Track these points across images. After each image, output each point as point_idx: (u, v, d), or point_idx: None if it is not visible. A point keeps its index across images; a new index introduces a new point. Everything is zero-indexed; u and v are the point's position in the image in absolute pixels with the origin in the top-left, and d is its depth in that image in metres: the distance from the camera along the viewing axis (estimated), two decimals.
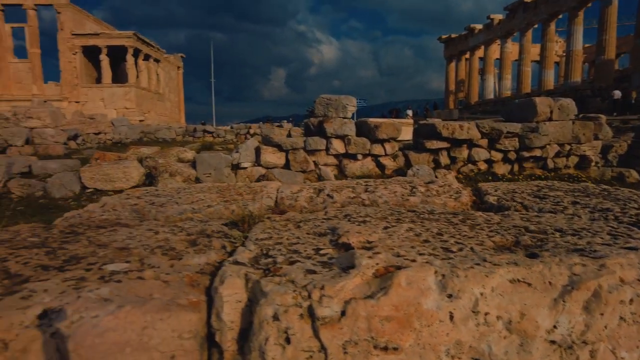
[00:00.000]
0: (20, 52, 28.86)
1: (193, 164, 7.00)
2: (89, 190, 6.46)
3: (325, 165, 7.30)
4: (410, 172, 6.31)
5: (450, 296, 0.76)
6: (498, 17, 30.32)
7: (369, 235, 1.02)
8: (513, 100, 12.46)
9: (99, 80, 29.77)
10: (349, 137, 7.25)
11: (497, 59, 32.42)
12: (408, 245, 0.96)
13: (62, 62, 27.90)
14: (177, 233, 1.19)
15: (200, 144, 12.26)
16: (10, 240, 1.15)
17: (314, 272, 0.81)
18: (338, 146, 7.29)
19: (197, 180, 6.63)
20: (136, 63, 29.67)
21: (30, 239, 1.15)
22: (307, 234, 1.14)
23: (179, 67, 40.46)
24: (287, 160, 7.21)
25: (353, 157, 7.33)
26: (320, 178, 7.16)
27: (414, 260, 0.83)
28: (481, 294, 0.76)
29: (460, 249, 0.95)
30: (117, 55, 29.31)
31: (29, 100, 25.48)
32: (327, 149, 7.31)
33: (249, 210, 1.63)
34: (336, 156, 7.37)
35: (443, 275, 0.78)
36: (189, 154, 8.28)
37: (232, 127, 22.35)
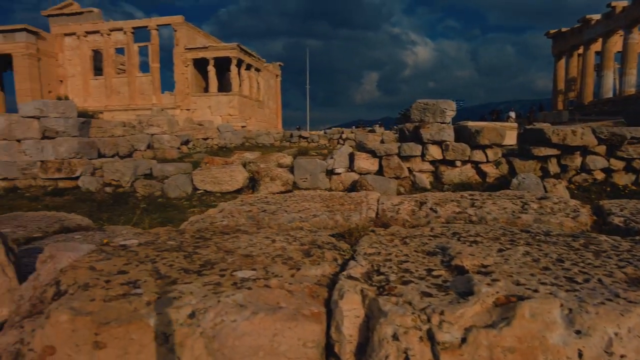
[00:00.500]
0: (143, 67, 32.80)
1: (291, 168, 7.33)
2: (199, 192, 7.09)
3: (421, 171, 7.14)
4: (515, 181, 5.89)
5: (578, 332, 0.72)
6: (621, 4, 26.94)
7: (483, 259, 1.00)
8: (638, 99, 10.95)
9: (206, 89, 32.56)
10: (447, 142, 7.00)
11: (617, 52, 28.79)
12: (527, 272, 0.92)
13: (176, 74, 31.10)
14: (291, 242, 1.28)
15: (297, 149, 12.78)
16: (154, 242, 1.34)
17: (429, 294, 0.82)
18: (434, 152, 7.09)
19: (295, 184, 6.92)
20: (239, 72, 31.89)
21: (169, 242, 1.33)
22: (415, 251, 1.16)
23: (277, 75, 42.57)
24: (381, 166, 7.20)
25: (451, 163, 7.07)
26: (414, 185, 7.02)
27: (536, 291, 0.81)
28: (615, 334, 0.71)
29: (586, 280, 0.89)
30: (223, 65, 31.80)
31: (149, 109, 28.80)
32: (422, 155, 7.15)
33: (352, 222, 1.68)
34: (432, 162, 7.17)
35: (570, 310, 0.74)
36: (287, 159, 8.69)
37: (325, 132, 22.91)
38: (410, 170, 7.14)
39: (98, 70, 32.55)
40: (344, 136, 22.03)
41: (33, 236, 3.62)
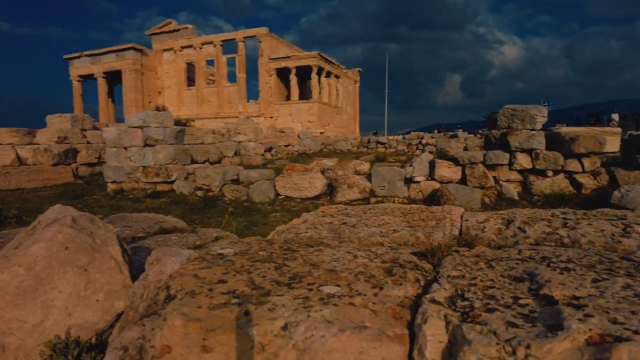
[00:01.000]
0: (230, 77, 34.92)
1: (368, 176, 7.35)
2: (280, 197, 7.40)
3: (508, 181, 6.75)
4: (617, 193, 5.33)
5: None
6: None
7: (575, 290, 0.96)
8: None
9: (288, 97, 33.75)
10: (537, 150, 6.55)
11: None
12: (627, 308, 0.87)
13: (260, 83, 32.69)
14: (373, 259, 1.33)
15: (374, 156, 12.76)
16: (247, 252, 1.46)
17: (515, 325, 0.82)
18: (523, 161, 6.67)
19: (372, 192, 6.93)
20: (319, 80, 32.62)
21: (261, 253, 1.44)
22: (501, 276, 1.14)
23: (355, 81, 42.82)
24: (464, 174, 6.93)
25: (541, 173, 6.59)
26: (500, 195, 6.66)
27: (636, 332, 0.76)
28: None
29: None
30: (304, 73, 32.75)
31: (236, 117, 30.58)
32: (510, 164, 6.76)
33: (435, 240, 1.68)
34: (520, 172, 6.75)
35: None
36: (365, 167, 8.72)
37: (404, 138, 22.51)
38: (496, 180, 6.79)
39: (191, 81, 35.35)
40: (423, 141, 21.48)
41: (138, 236, 4.05)
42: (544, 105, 7.10)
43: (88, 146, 11.93)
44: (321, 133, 29.50)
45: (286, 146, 15.76)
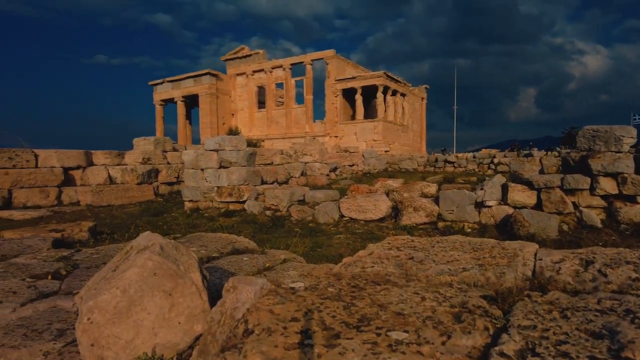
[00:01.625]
0: (298, 98, 36.07)
1: (435, 199, 7.18)
2: (345, 218, 7.46)
3: (589, 207, 6.25)
4: None
5: None
6: None
7: None
8: None
9: (353, 116, 34.05)
10: (624, 175, 6.02)
11: None
12: None
13: (327, 104, 33.39)
14: (441, 302, 1.33)
15: (442, 176, 12.42)
16: (316, 287, 1.53)
17: None
18: (607, 185, 6.15)
19: (440, 216, 6.76)
20: (385, 99, 32.61)
21: (329, 289, 1.51)
22: (577, 329, 1.09)
23: (422, 99, 42.20)
24: (539, 199, 6.53)
25: (630, 199, 6.03)
26: (580, 222, 6.18)
27: None
28: None
29: None
30: (369, 92, 32.94)
31: (302, 137, 31.39)
32: (591, 189, 6.27)
33: (506, 281, 1.63)
34: (604, 197, 6.22)
35: None
36: (432, 189, 8.52)
37: (474, 157, 21.66)
38: (575, 206, 6.32)
39: (261, 103, 37.02)
40: (495, 160, 20.52)
41: (212, 256, 4.31)
42: (635, 119, 6.50)
43: (168, 166, 12.90)
44: (386, 151, 29.32)
45: (350, 166, 15.87)
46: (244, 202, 8.75)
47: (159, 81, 37.95)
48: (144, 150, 12.48)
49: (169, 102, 38.51)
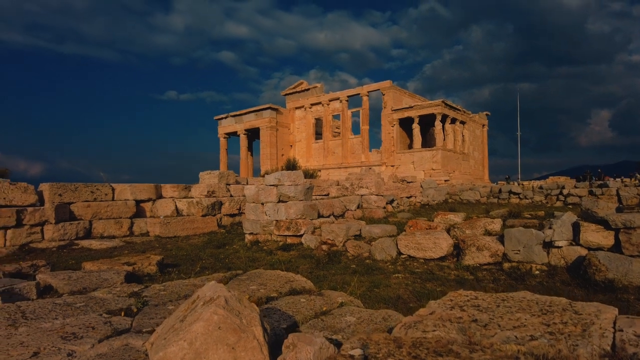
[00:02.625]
0: (354, 128, 36.42)
1: (500, 237, 6.83)
2: (403, 256, 7.29)
3: None
4: None
5: None
6: None
7: None
8: None
9: (410, 145, 33.69)
10: None
11: None
12: None
13: (383, 133, 33.39)
14: None
15: (506, 210, 11.80)
16: (376, 356, 1.52)
17: None
18: None
19: (505, 256, 6.40)
20: (443, 127, 32.02)
21: None
22: None
23: (483, 125, 40.92)
24: (617, 239, 5.99)
25: None
26: None
27: None
28: None
29: None
30: (427, 121, 32.54)
31: (358, 167, 31.49)
32: None
33: (579, 357, 1.52)
34: None
35: None
36: (496, 225, 8.13)
37: (540, 188, 20.42)
38: None
39: (318, 134, 37.84)
40: (564, 192, 19.17)
41: (271, 295, 4.39)
42: None
43: (230, 199, 13.45)
44: (446, 181, 28.51)
45: (408, 197, 15.58)
46: (301, 235, 8.87)
47: (223, 116, 40.19)
48: (209, 183, 13.14)
49: (232, 135, 40.50)
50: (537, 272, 6.03)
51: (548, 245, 6.30)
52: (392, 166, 32.17)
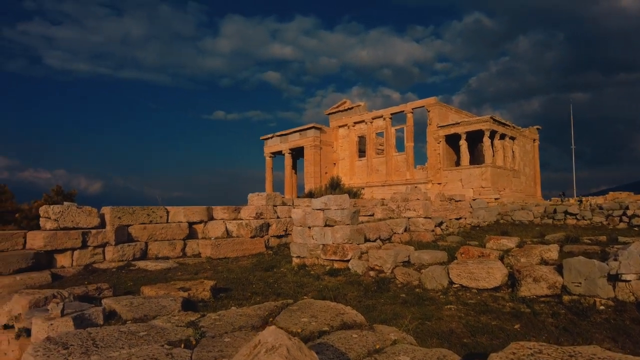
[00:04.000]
0: (398, 145, 36.06)
1: (558, 267, 6.50)
2: (455, 285, 7.09)
3: None
4: None
5: None
6: None
7: None
8: None
9: (457, 162, 32.88)
10: None
11: None
12: None
13: (428, 150, 32.84)
14: None
15: (563, 234, 11.21)
16: None
17: None
18: None
19: (564, 288, 6.07)
20: (492, 144, 31.04)
21: None
22: None
23: (534, 140, 39.29)
24: None
25: None
26: None
27: None
28: None
29: None
30: (474, 137, 31.69)
31: (403, 185, 31.07)
32: None
33: None
34: None
35: None
36: (553, 253, 7.76)
37: (601, 208, 19.18)
38: None
39: (361, 152, 37.85)
40: (628, 212, 17.87)
41: (323, 329, 4.42)
42: None
43: (277, 220, 13.70)
44: (496, 199, 27.50)
45: (457, 219, 15.16)
46: (348, 260, 8.86)
47: (269, 136, 41.24)
48: (257, 205, 13.49)
49: (277, 154, 41.39)
50: (602, 307, 5.67)
51: (614, 278, 5.91)
52: (439, 184, 31.48)
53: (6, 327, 5.93)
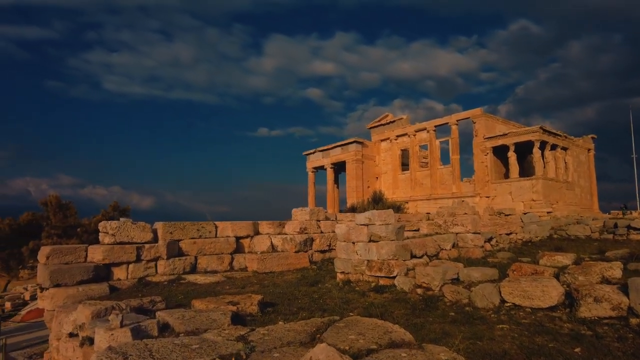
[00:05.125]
0: (443, 158, 35.30)
1: (622, 286, 6.07)
2: (507, 304, 6.78)
3: None
4: None
5: None
6: None
7: None
8: None
9: (506, 175, 31.67)
10: None
11: None
12: None
13: (475, 162, 31.91)
14: None
15: (627, 251, 10.45)
16: None
17: None
18: None
19: (631, 311, 5.66)
20: (542, 155, 29.69)
21: None
22: None
23: (589, 150, 37.18)
24: None
25: None
26: None
27: None
28: None
29: None
30: (523, 149, 30.46)
31: (449, 198, 30.29)
32: None
33: None
34: None
35: None
36: (616, 271, 7.27)
37: None
38: None
39: (404, 165, 37.39)
40: None
41: (371, 348, 4.38)
42: None
43: (321, 235, 13.77)
44: (548, 213, 26.17)
45: (508, 234, 14.56)
46: (393, 277, 8.73)
47: (311, 151, 41.74)
48: (301, 220, 13.64)
49: (319, 169, 41.73)
50: None
51: None
52: (487, 197, 30.43)
53: (71, 335, 6.32)
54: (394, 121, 37.68)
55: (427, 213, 23.27)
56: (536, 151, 29.15)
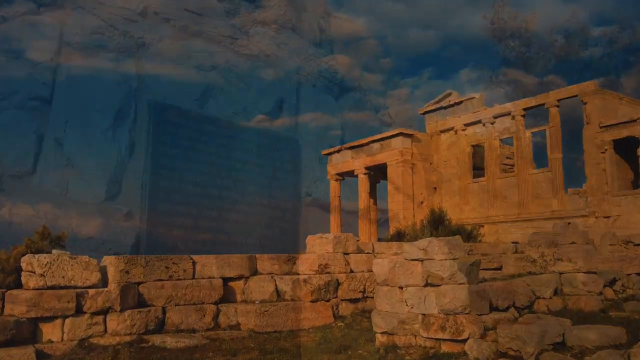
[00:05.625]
0: (536, 158, 34.91)
1: None
2: None
3: None
4: None
5: None
6: None
7: None
8: None
9: (635, 183, 31.07)
10: None
11: None
12: None
13: (587, 164, 31.30)
14: None
15: None
16: None
17: None
18: None
19: None
20: None
21: None
22: None
23: None
24: None
25: None
26: None
27: None
28: None
29: None
30: None
31: (547, 219, 29.88)
32: None
33: None
34: None
35: None
36: None
37: None
38: None
39: (477, 170, 37.05)
40: None
41: None
42: None
43: (351, 276, 13.76)
44: None
45: (638, 274, 14.27)
46: (463, 340, 8.63)
47: (334, 149, 41.86)
48: (320, 253, 13.66)
49: (346, 175, 41.79)
50: None
51: None
52: (606, 217, 29.85)
53: None
54: (460, 102, 37.49)
55: (514, 242, 22.91)
56: None
